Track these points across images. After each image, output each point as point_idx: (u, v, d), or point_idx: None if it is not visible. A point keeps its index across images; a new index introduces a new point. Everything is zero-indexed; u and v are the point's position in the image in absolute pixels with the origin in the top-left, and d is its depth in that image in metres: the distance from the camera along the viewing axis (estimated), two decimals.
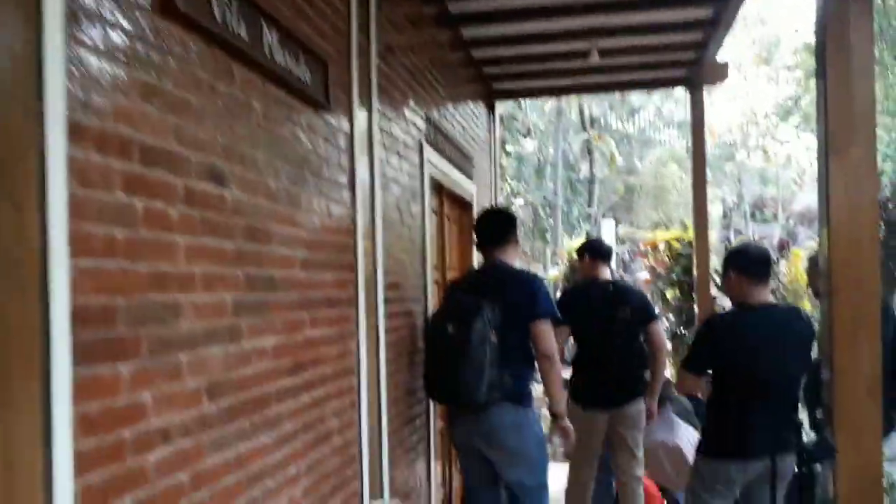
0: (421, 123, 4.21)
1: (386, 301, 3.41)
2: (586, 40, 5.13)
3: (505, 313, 3.54)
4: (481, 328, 3.43)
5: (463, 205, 5.70)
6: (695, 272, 6.58)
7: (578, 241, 16.51)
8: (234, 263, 2.09)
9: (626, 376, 4.52)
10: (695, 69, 5.99)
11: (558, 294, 7.59)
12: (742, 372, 3.24)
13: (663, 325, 9.15)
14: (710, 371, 3.40)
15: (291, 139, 2.47)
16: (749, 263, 3.39)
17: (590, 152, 17.75)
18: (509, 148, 17.70)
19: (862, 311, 3.07)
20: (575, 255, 4.96)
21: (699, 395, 4.66)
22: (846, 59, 3.02)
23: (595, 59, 5.14)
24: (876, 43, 13.49)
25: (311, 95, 2.55)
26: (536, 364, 3.70)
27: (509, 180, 16.10)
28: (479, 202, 6.11)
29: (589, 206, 18.98)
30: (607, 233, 17.09)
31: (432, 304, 4.40)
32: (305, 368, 2.54)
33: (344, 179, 2.96)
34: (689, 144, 6.54)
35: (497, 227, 3.87)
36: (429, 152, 4.33)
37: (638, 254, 10.65)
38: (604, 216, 19.53)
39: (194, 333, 1.88)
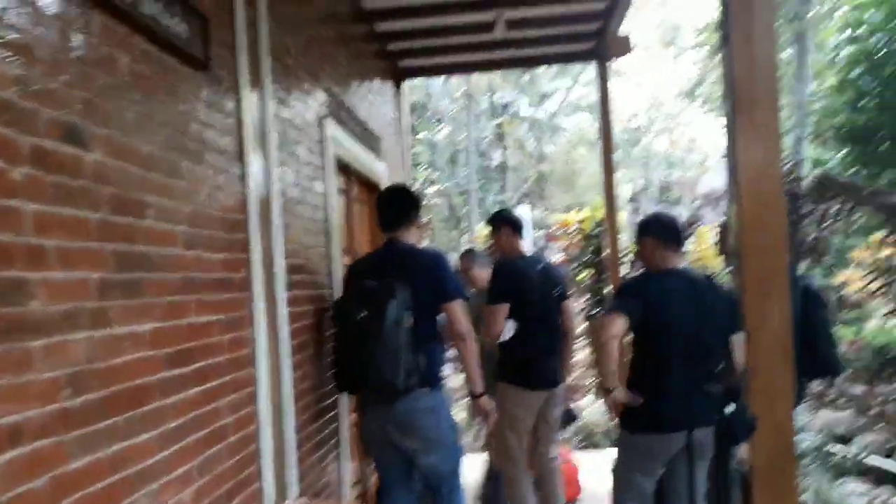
0: (322, 97, 3.97)
1: (288, 285, 3.18)
2: (491, 10, 4.97)
3: (414, 295, 3.37)
4: (396, 312, 3.26)
5: (372, 186, 5.47)
6: (606, 252, 6.54)
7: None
8: (99, 237, 1.83)
9: (556, 356, 4.42)
10: (599, 42, 5.94)
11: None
12: (660, 334, 3.17)
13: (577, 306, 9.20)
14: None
15: (167, 100, 2.21)
16: (663, 229, 3.36)
17: (501, 139, 17.75)
18: (421, 136, 17.54)
19: (771, 270, 3.05)
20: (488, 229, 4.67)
21: None
22: (749, 21, 2.97)
23: (501, 31, 5.00)
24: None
25: (189, 53, 2.30)
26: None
27: (423, 168, 15.93)
28: (391, 183, 5.90)
29: (503, 192, 19.00)
30: (524, 218, 17.15)
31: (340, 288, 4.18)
32: (193, 358, 2.29)
33: (232, 149, 2.71)
34: (600, 125, 6.47)
35: (398, 206, 3.67)
36: (332, 128, 4.09)
37: (551, 236, 10.65)
38: (518, 202, 19.59)
39: (49, 316, 1.62)
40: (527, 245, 4.53)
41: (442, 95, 18.78)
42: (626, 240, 12.73)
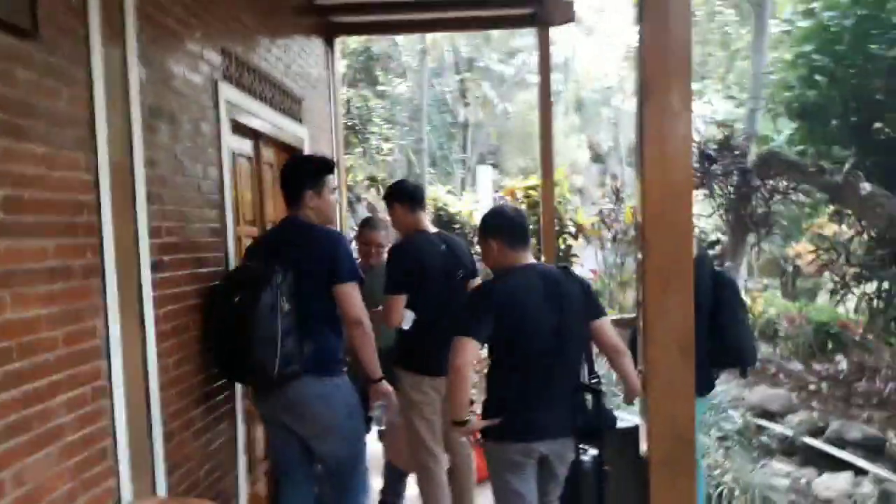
0: (215, 58, 3.69)
1: (156, 266, 2.95)
2: None
3: (302, 277, 3.20)
4: (269, 297, 3.09)
5: (291, 151, 5.21)
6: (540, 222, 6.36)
7: (447, 188, 16.39)
8: None
9: None
10: (540, 8, 5.67)
11: None
12: (513, 343, 2.99)
13: None
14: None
15: None
16: (506, 230, 3.12)
17: (464, 95, 17.40)
18: (383, 88, 17.15)
19: (674, 263, 2.90)
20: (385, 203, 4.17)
21: None
22: (664, 3, 2.77)
23: None
24: None
25: (2, 19, 2.02)
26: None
27: (380, 124, 15.56)
28: (314, 147, 5.64)
29: (463, 151, 18.71)
30: (483, 179, 16.88)
31: (237, 262, 3.95)
32: (7, 358, 2.07)
33: (77, 123, 2.45)
34: (539, 92, 6.22)
35: (294, 180, 3.47)
36: (228, 91, 3.81)
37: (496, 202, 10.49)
38: (480, 162, 19.34)
39: None
40: (426, 216, 4.19)
41: (408, 47, 18.33)
42: (579, 204, 12.62)
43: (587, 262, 12.65)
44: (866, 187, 6.49)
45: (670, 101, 2.82)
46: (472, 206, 11.82)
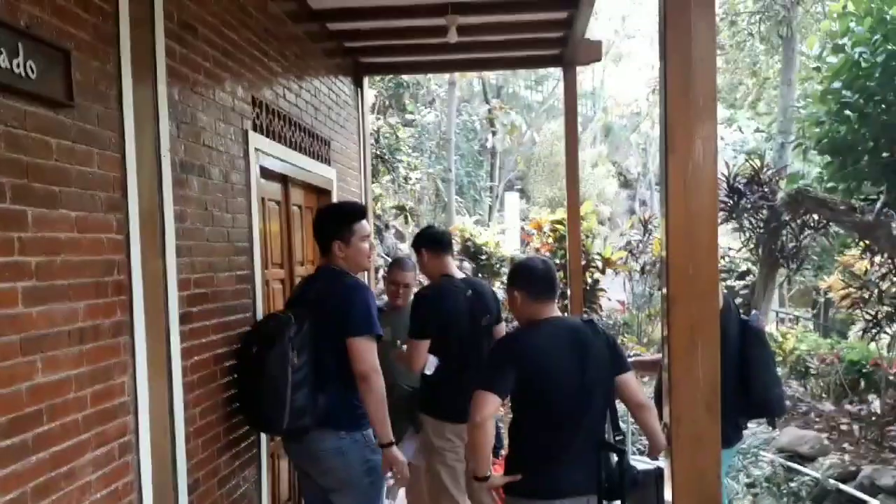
0: (246, 108, 3.76)
1: (184, 318, 3.00)
2: (445, 16, 4.74)
3: (319, 329, 3.19)
4: (281, 349, 3.08)
5: (319, 191, 5.28)
6: (567, 258, 6.34)
7: (475, 218, 16.40)
8: None
9: None
10: (566, 48, 5.69)
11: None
12: (539, 395, 2.96)
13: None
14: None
15: (3, 146, 2.01)
16: (531, 281, 3.07)
17: (492, 123, 17.46)
18: (411, 116, 17.25)
19: (700, 318, 2.88)
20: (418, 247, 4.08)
21: None
22: (688, 49, 2.76)
23: (453, 37, 4.76)
24: (762, 22, 13.71)
25: (36, 92, 2.09)
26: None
27: (408, 153, 15.65)
28: (342, 187, 5.71)
29: (491, 179, 18.71)
30: (511, 207, 16.86)
31: (266, 307, 4.00)
32: (37, 422, 2.11)
33: (108, 184, 2.51)
34: (566, 130, 6.24)
35: (322, 230, 3.45)
36: (258, 140, 3.88)
37: (523, 235, 10.46)
38: (507, 189, 19.36)
39: None
40: (453, 261, 4.17)
41: (436, 77, 18.45)
42: (608, 232, 12.51)
43: (615, 294, 12.56)
44: None
45: (695, 152, 2.84)
46: (498, 236, 11.82)
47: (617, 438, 3.09)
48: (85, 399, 2.35)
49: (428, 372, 3.91)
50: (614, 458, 3.06)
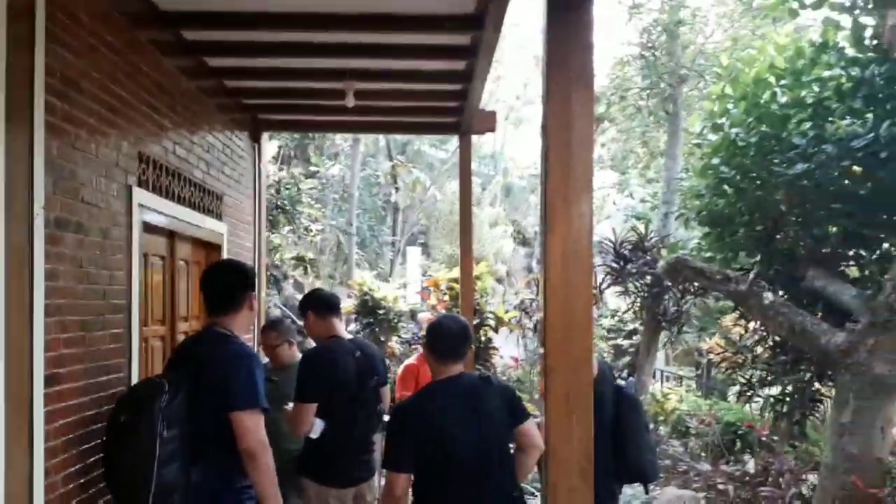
0: (131, 164, 3.70)
1: (50, 380, 2.89)
2: (343, 81, 4.83)
3: (199, 398, 3.00)
4: (148, 419, 2.86)
5: (208, 246, 5.21)
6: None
7: (375, 272, 16.43)
8: None
9: (371, 447, 4.19)
10: (462, 117, 5.88)
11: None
12: (438, 461, 2.99)
13: None
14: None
15: None
16: (439, 343, 3.15)
17: (394, 179, 17.66)
18: (315, 168, 17.24)
19: (575, 388, 2.99)
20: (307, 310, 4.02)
21: None
22: (568, 135, 2.92)
23: (351, 102, 4.85)
24: (650, 97, 14.56)
25: None
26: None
27: (311, 204, 15.59)
28: (233, 241, 5.65)
29: (393, 234, 18.82)
30: (412, 262, 16.96)
31: (143, 366, 3.88)
32: None
33: None
34: (460, 195, 6.40)
35: (216, 289, 3.28)
36: (142, 196, 3.82)
37: (421, 293, 10.55)
38: (410, 244, 19.49)
39: None
40: (341, 322, 4.17)
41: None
42: (503, 290, 12.74)
43: (509, 350, 12.77)
44: (769, 297, 6.78)
45: (572, 233, 2.99)
46: (398, 290, 11.86)
47: (515, 495, 3.13)
48: None
49: (314, 436, 3.85)
50: None
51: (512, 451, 3.21)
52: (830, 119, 6.47)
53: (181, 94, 4.44)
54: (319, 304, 4.05)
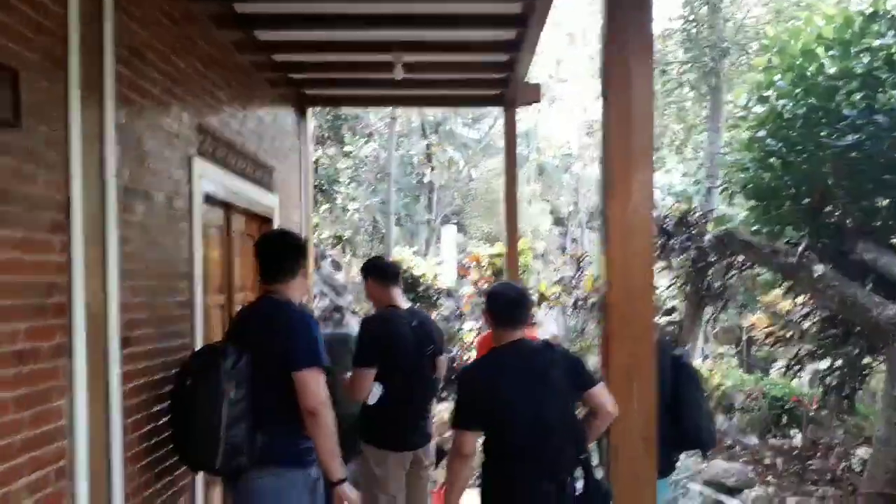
0: (191, 135, 3.76)
1: (125, 342, 2.96)
2: (391, 53, 4.84)
3: (260, 361, 3.05)
4: (215, 383, 2.92)
5: (261, 219, 5.27)
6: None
7: (413, 249, 16.49)
8: None
9: (427, 414, 4.25)
10: (507, 89, 5.87)
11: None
12: (500, 424, 3.01)
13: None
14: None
15: None
16: (501, 308, 3.15)
17: (429, 158, 17.67)
18: (349, 149, 17.31)
19: (636, 357, 2.99)
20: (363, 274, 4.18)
21: None
22: (628, 103, 2.91)
23: (399, 74, 4.86)
24: (691, 71, 14.29)
25: None
26: None
27: (346, 184, 15.68)
28: (284, 215, 5.71)
29: (429, 212, 18.85)
30: (448, 240, 16.99)
31: (205, 333, 3.95)
32: None
33: (52, 205, 2.49)
34: (505, 168, 6.40)
35: (274, 258, 3.32)
36: (202, 166, 3.88)
37: (462, 269, 10.57)
38: (445, 222, 19.51)
39: None
40: (399, 291, 4.22)
41: (376, 110, 18.59)
42: (541, 268, 12.72)
43: (549, 328, 12.77)
44: (819, 269, 6.70)
45: (632, 200, 2.98)
46: (435, 268, 11.91)
47: (582, 458, 3.13)
48: (22, 422, 2.30)
49: (371, 401, 3.92)
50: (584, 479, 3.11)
51: (582, 415, 3.21)
52: (881, 89, 6.34)
53: (233, 68, 4.49)
54: (379, 272, 4.13)
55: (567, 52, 26.83)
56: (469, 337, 9.39)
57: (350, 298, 11.82)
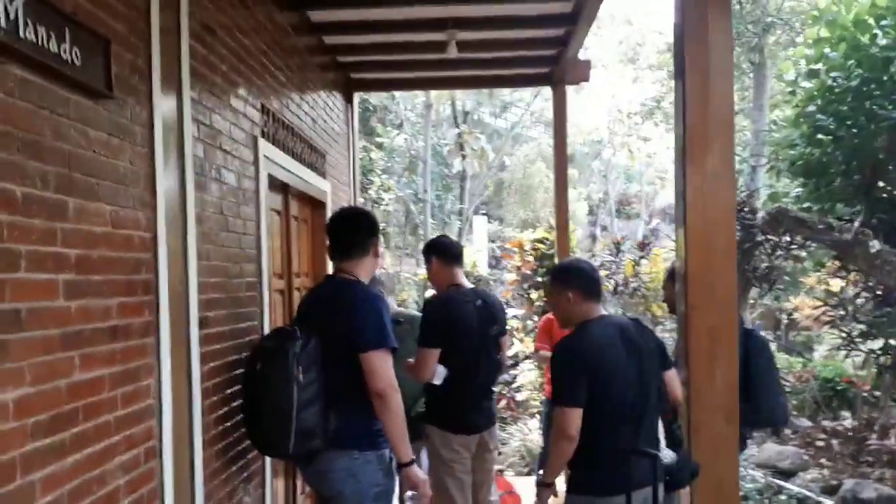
0: (255, 115, 3.72)
1: (202, 323, 2.93)
2: (444, 31, 4.77)
3: (329, 343, 3.01)
4: (284, 367, 2.88)
5: (315, 204, 5.24)
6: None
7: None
8: None
9: (491, 395, 4.20)
10: (557, 67, 5.77)
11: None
12: (604, 396, 2.94)
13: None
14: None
15: (49, 133, 1.95)
16: (588, 282, 3.09)
17: (461, 147, 17.59)
18: (381, 139, 17.29)
19: (718, 326, 2.90)
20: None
21: None
22: (705, 58, 2.82)
23: (453, 52, 4.79)
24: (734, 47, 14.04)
25: (80, 80, 2.04)
26: None
27: (380, 174, 15.66)
28: (335, 200, 5.67)
29: (461, 202, 18.77)
30: (479, 230, 16.93)
31: (270, 317, 3.92)
32: (73, 421, 2.04)
33: (139, 180, 2.46)
34: (555, 149, 6.31)
35: (343, 234, 3.28)
36: (266, 148, 3.84)
37: (505, 253, 10.48)
38: (475, 213, 19.43)
39: None
40: (461, 271, 4.14)
41: (404, 101, 18.55)
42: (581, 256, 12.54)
43: None
44: (876, 245, 6.55)
45: (711, 161, 2.89)
46: (475, 256, 11.85)
47: (675, 427, 3.08)
48: (116, 400, 2.28)
49: (437, 382, 3.87)
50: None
51: None
52: None
53: (290, 50, 4.44)
54: (444, 251, 4.06)
55: (593, 39, 26.59)
56: (513, 324, 9.31)
57: (381, 290, 11.81)
